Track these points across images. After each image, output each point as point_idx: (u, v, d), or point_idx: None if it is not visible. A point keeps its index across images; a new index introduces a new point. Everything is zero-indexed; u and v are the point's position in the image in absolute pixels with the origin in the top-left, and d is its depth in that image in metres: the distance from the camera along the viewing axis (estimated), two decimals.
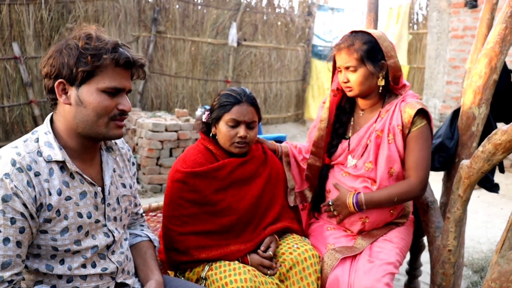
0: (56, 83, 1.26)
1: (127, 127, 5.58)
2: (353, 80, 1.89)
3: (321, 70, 8.71)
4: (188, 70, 7.58)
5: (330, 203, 1.95)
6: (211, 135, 1.89)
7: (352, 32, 1.93)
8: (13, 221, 1.17)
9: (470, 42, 6.08)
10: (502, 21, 1.89)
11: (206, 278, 1.72)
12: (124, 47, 1.31)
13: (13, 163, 1.20)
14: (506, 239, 1.47)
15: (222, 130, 1.81)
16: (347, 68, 1.89)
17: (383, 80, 1.91)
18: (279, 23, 8.48)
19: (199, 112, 5.70)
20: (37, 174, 1.23)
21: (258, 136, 2.04)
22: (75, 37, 1.28)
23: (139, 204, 1.70)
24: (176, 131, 5.00)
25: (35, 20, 5.73)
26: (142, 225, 1.71)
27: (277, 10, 8.44)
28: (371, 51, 1.87)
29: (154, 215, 2.24)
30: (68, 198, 1.28)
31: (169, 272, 1.93)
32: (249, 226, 1.85)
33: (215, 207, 1.80)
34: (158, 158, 4.94)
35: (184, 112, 5.50)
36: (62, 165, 1.29)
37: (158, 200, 4.33)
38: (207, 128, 1.92)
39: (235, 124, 1.79)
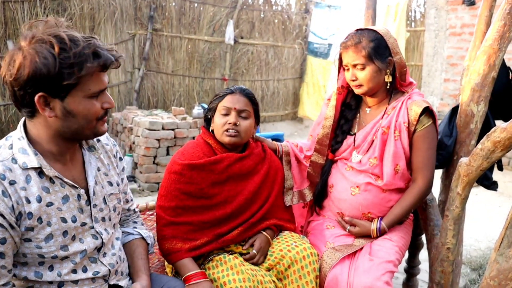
0: (36, 97, 1.16)
1: (123, 126, 5.56)
2: (362, 77, 1.89)
3: (316, 67, 8.68)
4: (185, 68, 7.55)
5: (347, 229, 1.96)
6: (210, 130, 1.90)
7: (358, 29, 1.93)
8: None
9: (468, 39, 6.08)
10: (500, 18, 1.88)
11: None
12: (101, 46, 1.21)
13: None
14: (504, 237, 1.47)
15: (216, 120, 1.84)
16: (354, 66, 1.89)
17: (390, 77, 1.92)
18: (276, 20, 8.44)
19: (196, 110, 5.68)
20: (12, 183, 1.17)
21: (256, 134, 2.04)
22: (43, 41, 1.15)
23: (131, 200, 1.66)
24: (173, 130, 4.98)
25: (30, 18, 5.68)
26: (135, 222, 1.67)
27: (274, 7, 8.41)
28: (378, 48, 1.88)
29: (151, 214, 2.22)
30: (50, 204, 1.23)
31: (167, 271, 1.92)
32: (243, 222, 1.84)
33: (211, 200, 1.79)
34: (155, 157, 4.92)
35: (181, 110, 5.48)
36: (40, 171, 1.23)
37: (156, 199, 4.32)
38: (208, 124, 1.94)
39: (227, 112, 1.82)
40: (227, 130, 1.80)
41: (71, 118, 1.21)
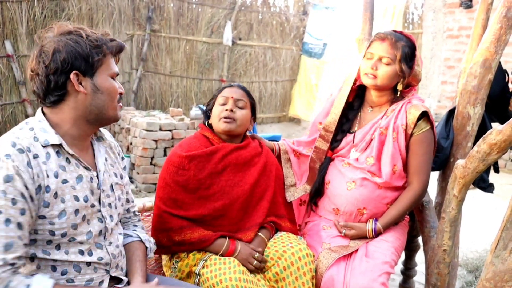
0: (72, 75, 1.30)
1: (121, 126, 5.55)
2: (382, 71, 1.92)
3: (309, 67, 8.66)
4: (183, 69, 7.54)
5: (343, 233, 1.96)
6: (207, 123, 1.97)
7: (394, 31, 1.97)
8: (14, 201, 1.19)
9: (465, 42, 6.11)
10: (497, 21, 1.89)
11: (200, 274, 1.71)
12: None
13: (13, 145, 1.24)
14: (500, 239, 1.47)
15: (214, 110, 1.92)
16: (381, 58, 1.92)
17: (401, 85, 1.97)
18: (274, 22, 8.45)
19: (193, 111, 5.68)
20: (35, 156, 1.26)
21: (254, 134, 2.07)
22: (69, 32, 1.33)
23: (132, 201, 1.69)
24: (170, 130, 4.98)
25: (28, 18, 5.68)
26: (136, 225, 1.69)
27: (272, 9, 8.41)
28: (409, 55, 1.93)
29: (149, 215, 2.22)
30: (65, 181, 1.31)
31: (164, 270, 1.92)
32: (242, 215, 1.85)
33: (208, 190, 1.81)
34: (152, 158, 4.92)
35: (179, 111, 5.48)
36: (58, 150, 1.32)
37: (153, 200, 4.31)
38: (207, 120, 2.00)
39: (224, 101, 1.90)
40: (224, 117, 1.86)
41: (99, 95, 1.36)
